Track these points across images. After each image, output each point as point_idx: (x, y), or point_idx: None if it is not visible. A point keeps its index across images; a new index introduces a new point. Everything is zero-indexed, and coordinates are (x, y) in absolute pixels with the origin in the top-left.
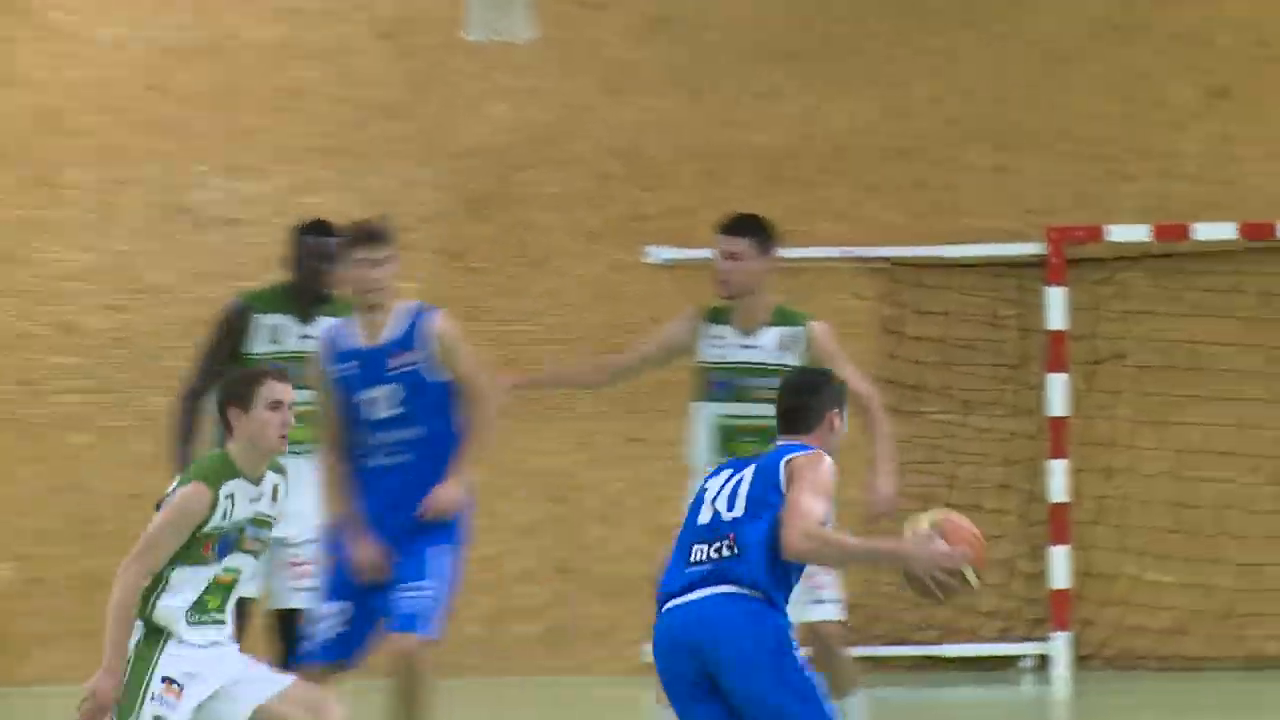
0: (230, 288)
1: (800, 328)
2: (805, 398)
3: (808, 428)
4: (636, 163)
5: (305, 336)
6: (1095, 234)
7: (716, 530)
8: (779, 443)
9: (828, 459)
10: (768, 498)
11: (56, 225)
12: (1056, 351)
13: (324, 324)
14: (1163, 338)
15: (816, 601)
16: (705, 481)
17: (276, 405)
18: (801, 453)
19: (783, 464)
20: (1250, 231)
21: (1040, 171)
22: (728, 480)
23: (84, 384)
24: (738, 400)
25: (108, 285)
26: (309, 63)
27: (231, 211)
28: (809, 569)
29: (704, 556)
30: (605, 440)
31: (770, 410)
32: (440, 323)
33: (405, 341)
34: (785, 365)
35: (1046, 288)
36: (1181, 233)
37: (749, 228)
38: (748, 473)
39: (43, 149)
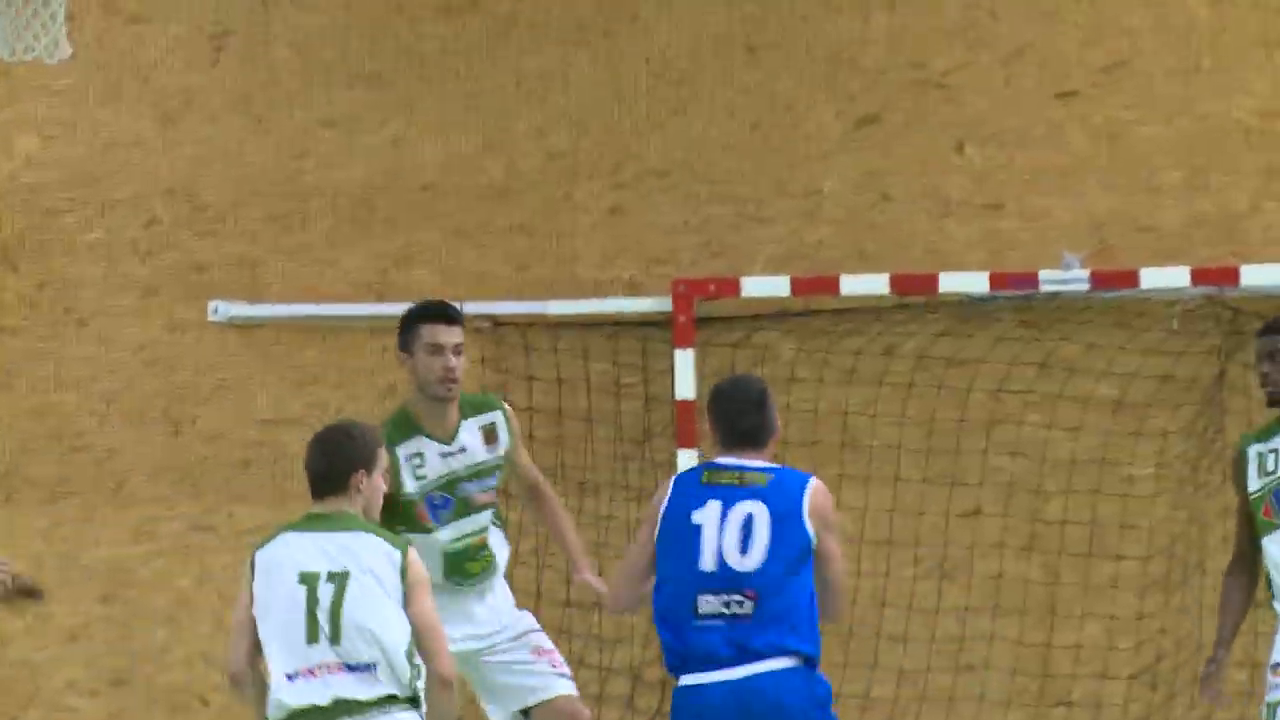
0: None
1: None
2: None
3: (764, 442)
4: (193, 204)
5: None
6: (728, 287)
7: (730, 580)
8: (756, 463)
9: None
10: (798, 547)
11: None
12: (685, 424)
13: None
14: (809, 408)
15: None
16: (689, 512)
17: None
18: (812, 485)
19: (806, 499)
20: (904, 284)
21: (663, 214)
22: (724, 516)
23: None
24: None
25: None
26: None
27: None
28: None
29: (715, 610)
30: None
31: None
32: None
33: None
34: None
35: (674, 350)
36: (828, 286)
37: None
38: (757, 511)
39: None
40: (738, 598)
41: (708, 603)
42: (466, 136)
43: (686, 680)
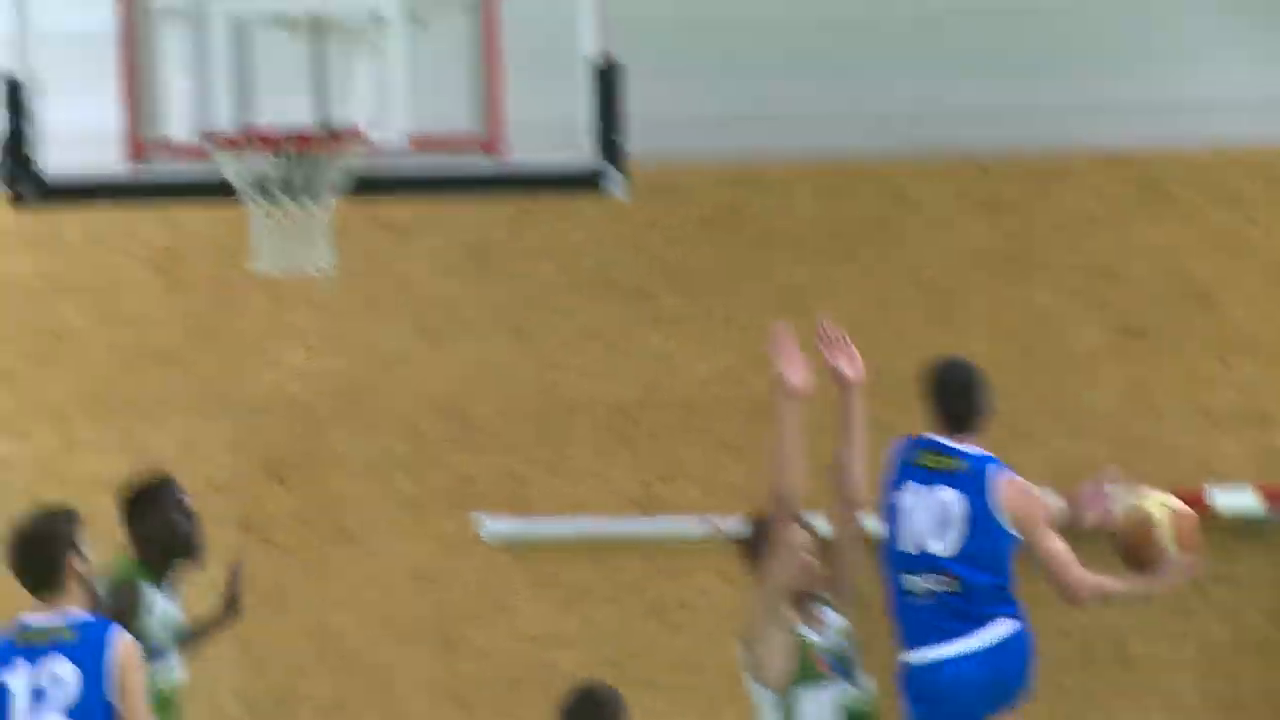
0: None
1: None
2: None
3: (973, 425)
4: (460, 419)
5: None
6: None
7: (929, 564)
8: (960, 446)
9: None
10: (994, 540)
11: None
12: None
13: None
14: None
15: None
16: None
17: None
18: (1000, 479)
19: (997, 494)
20: None
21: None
22: (922, 498)
23: None
24: None
25: None
26: (71, 299)
27: None
28: None
29: (921, 589)
30: None
31: None
32: None
33: None
34: None
35: None
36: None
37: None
38: (951, 498)
39: None
40: (941, 578)
41: (912, 582)
42: (729, 351)
43: (909, 657)
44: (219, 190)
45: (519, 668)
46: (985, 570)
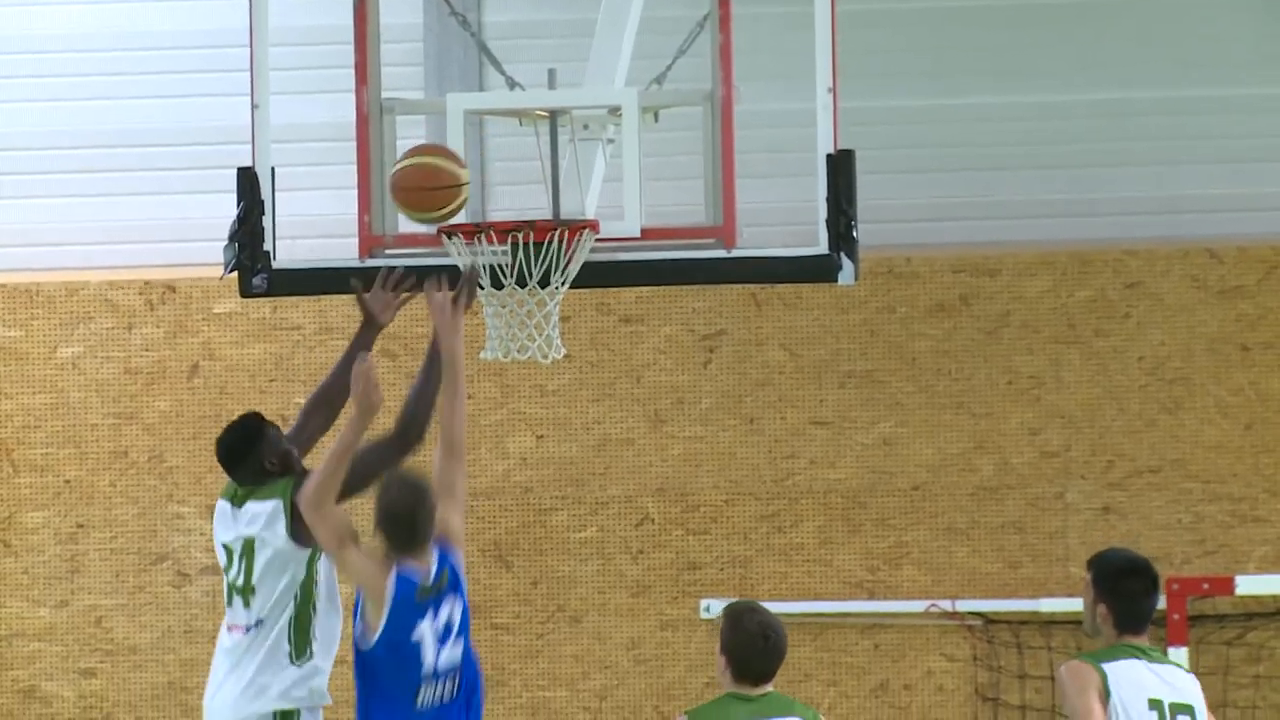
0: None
1: None
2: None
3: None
4: (685, 503)
5: None
6: (1222, 586)
7: None
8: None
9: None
10: None
11: (12, 577)
12: None
13: None
14: None
15: None
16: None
17: None
18: None
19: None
20: None
21: (1156, 513)
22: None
23: None
24: None
25: (74, 646)
26: (303, 386)
27: (215, 559)
28: None
29: None
30: None
31: None
32: None
33: None
34: None
35: (1168, 649)
36: None
37: None
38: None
39: None
40: None
41: None
42: (957, 435)
43: None
44: (450, 279)
45: None
46: None
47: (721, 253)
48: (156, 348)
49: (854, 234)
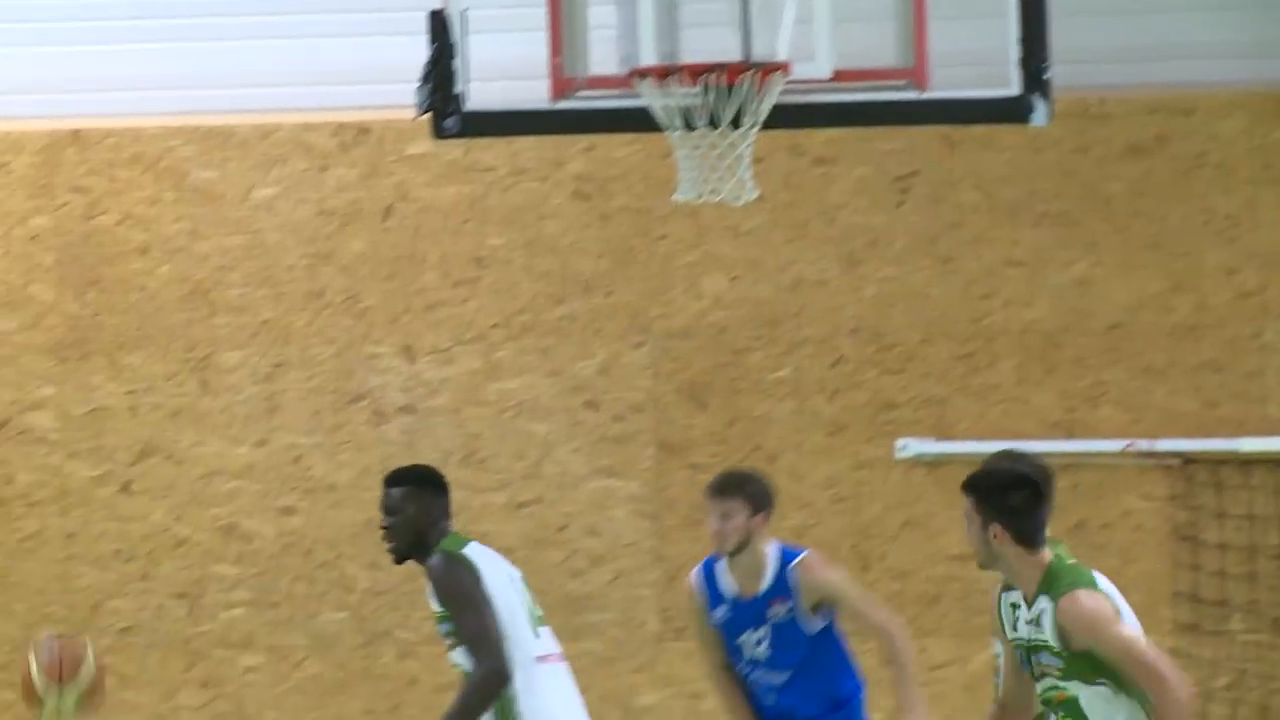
0: None
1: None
2: None
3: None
4: (879, 343)
5: None
6: None
7: None
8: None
9: None
10: None
11: (212, 416)
12: None
13: None
14: None
15: None
16: None
17: None
18: None
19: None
20: None
21: None
22: None
23: (249, 596)
24: None
25: (273, 484)
26: (497, 228)
27: (411, 399)
28: None
29: None
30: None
31: None
32: (805, 570)
33: (776, 591)
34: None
35: None
36: None
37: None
38: None
39: (193, 328)
40: None
41: None
42: (1153, 275)
43: None
44: (642, 121)
45: (938, 585)
46: None
47: (914, 95)
48: (350, 189)
49: (1047, 76)
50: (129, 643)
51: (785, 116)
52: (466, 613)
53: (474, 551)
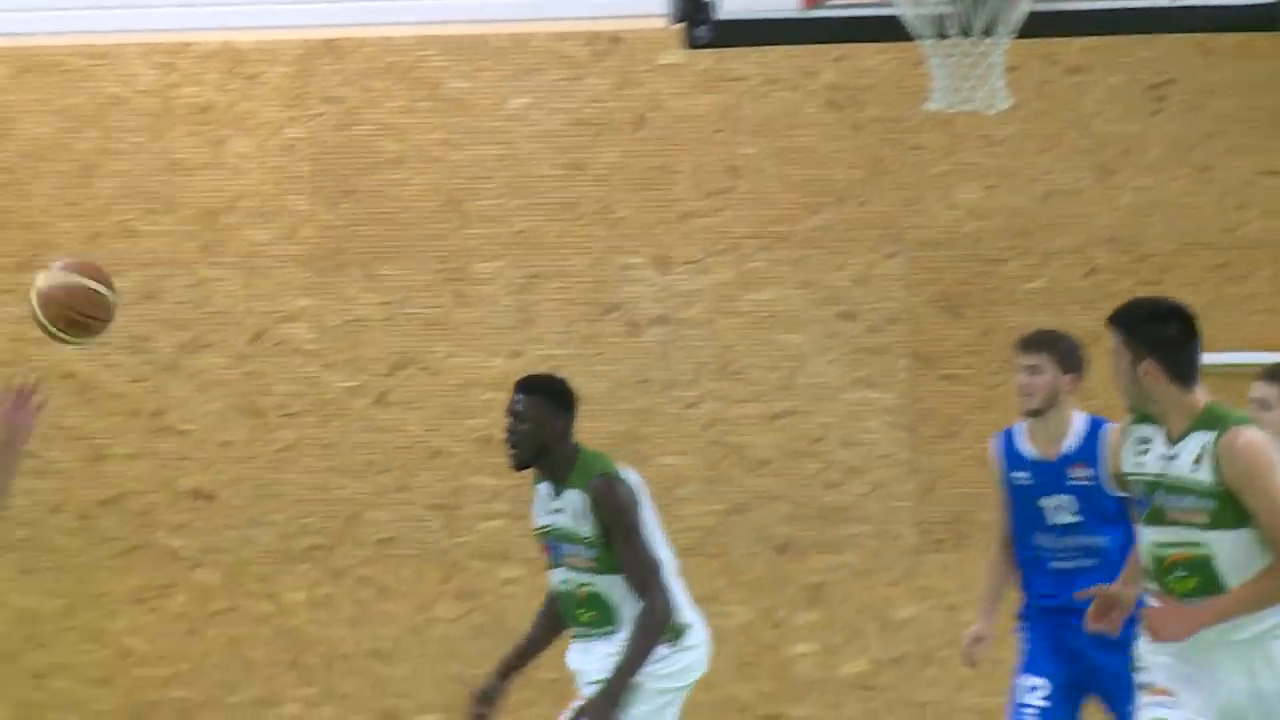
0: (668, 397)
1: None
2: None
3: None
4: (1134, 254)
5: None
6: None
7: None
8: None
9: None
10: None
11: (466, 326)
12: None
13: None
14: None
15: None
16: None
17: None
18: None
19: None
20: None
21: None
22: None
23: (506, 508)
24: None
25: None
26: (749, 138)
27: (665, 310)
28: None
29: None
30: None
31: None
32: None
33: (1082, 455)
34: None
35: None
36: None
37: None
38: None
39: (446, 238)
40: None
41: None
42: None
43: None
44: (895, 30)
45: None
46: None
47: (1168, 1)
48: (603, 99)
49: None
50: (386, 554)
51: (1038, 24)
52: (632, 538)
53: (627, 474)
